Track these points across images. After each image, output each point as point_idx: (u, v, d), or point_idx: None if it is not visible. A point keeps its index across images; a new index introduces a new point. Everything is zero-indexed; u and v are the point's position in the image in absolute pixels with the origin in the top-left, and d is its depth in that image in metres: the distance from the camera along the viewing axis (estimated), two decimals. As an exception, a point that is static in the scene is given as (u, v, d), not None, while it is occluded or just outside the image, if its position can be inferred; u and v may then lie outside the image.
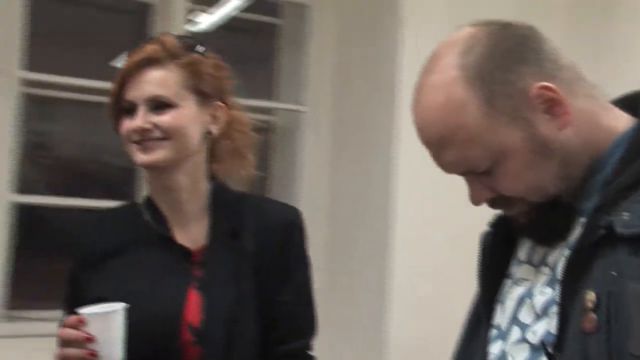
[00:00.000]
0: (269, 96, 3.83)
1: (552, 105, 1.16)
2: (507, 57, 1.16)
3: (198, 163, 1.81)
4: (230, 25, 4.09)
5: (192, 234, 1.78)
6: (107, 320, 1.62)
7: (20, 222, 3.21)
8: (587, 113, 1.19)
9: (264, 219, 1.80)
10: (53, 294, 2.32)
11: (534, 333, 1.18)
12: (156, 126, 1.71)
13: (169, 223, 1.79)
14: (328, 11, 3.59)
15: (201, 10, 4.02)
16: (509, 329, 1.24)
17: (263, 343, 1.77)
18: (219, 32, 4.17)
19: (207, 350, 1.71)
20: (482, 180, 1.20)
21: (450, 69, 1.15)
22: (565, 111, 1.16)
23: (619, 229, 1.06)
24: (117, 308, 1.63)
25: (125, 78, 1.74)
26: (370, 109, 3.47)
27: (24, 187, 3.26)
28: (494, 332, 1.28)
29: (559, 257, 1.18)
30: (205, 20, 4.15)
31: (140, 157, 1.73)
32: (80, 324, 1.61)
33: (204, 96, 1.78)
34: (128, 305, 1.64)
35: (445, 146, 1.16)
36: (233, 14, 3.98)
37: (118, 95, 1.74)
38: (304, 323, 1.83)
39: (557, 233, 1.20)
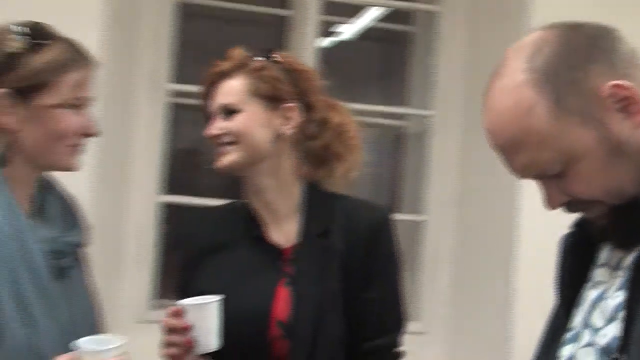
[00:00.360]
0: (403, 102, 3.84)
1: (627, 104, 1.11)
2: (575, 57, 1.12)
3: (280, 164, 1.83)
4: (367, 35, 4.11)
5: (284, 232, 1.82)
6: (203, 311, 1.69)
7: (168, 220, 3.36)
8: None
9: (352, 219, 1.81)
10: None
11: (603, 337, 1.14)
12: (225, 131, 1.78)
13: (262, 222, 1.83)
14: (458, 17, 3.56)
15: (339, 22, 4.09)
16: (581, 332, 1.21)
17: (349, 339, 1.77)
18: (356, 42, 4.21)
19: (294, 344, 1.73)
20: (556, 184, 1.16)
21: (518, 72, 1.12)
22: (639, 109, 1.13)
23: None
24: (213, 300, 1.70)
25: (205, 92, 1.84)
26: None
27: (173, 188, 3.40)
28: (568, 335, 1.24)
29: (635, 261, 1.14)
30: (345, 31, 4.21)
31: (217, 162, 1.81)
32: (179, 314, 1.68)
33: (271, 100, 1.80)
34: (223, 298, 1.70)
35: (516, 150, 1.13)
36: (369, 24, 3.99)
37: (204, 108, 1.86)
38: (390, 320, 1.83)
39: (637, 236, 1.15)
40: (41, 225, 1.63)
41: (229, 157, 1.79)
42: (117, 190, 3.22)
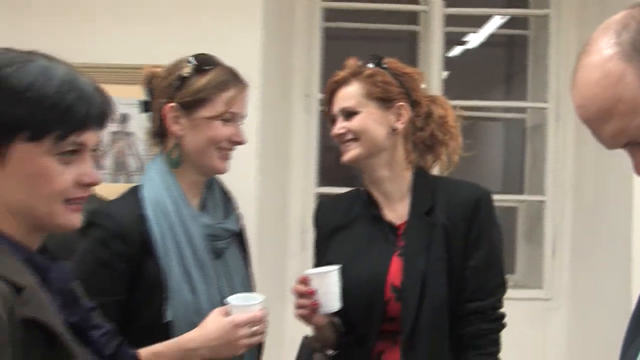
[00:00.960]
0: (523, 99, 3.98)
1: None
2: None
3: (394, 155, 1.92)
4: (490, 42, 4.25)
5: (396, 212, 1.92)
6: (325, 279, 1.82)
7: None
8: None
9: (453, 197, 1.88)
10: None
11: None
12: (347, 130, 1.89)
13: (379, 205, 1.93)
14: (568, 18, 3.62)
15: (466, 32, 4.25)
16: None
17: (453, 302, 1.83)
18: (481, 48, 4.38)
19: (405, 305, 1.81)
20: None
21: (606, 47, 1.07)
22: None
23: None
24: (332, 269, 1.82)
25: (327, 99, 1.95)
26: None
27: (327, 181, 3.64)
28: None
29: None
30: (472, 39, 4.41)
31: (343, 157, 1.91)
32: (306, 281, 1.82)
33: (384, 100, 1.89)
34: (341, 267, 1.83)
35: (605, 120, 1.08)
36: (490, 32, 4.13)
37: (327, 112, 1.96)
38: (490, 284, 1.86)
39: None
40: (203, 214, 1.82)
41: (352, 152, 1.89)
42: (281, 184, 3.48)
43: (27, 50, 1.17)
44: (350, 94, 1.89)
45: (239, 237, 1.94)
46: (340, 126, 1.89)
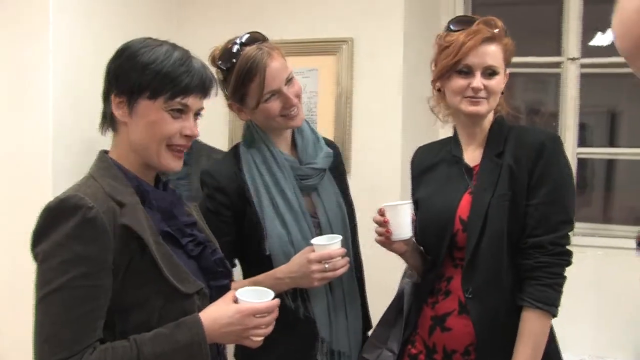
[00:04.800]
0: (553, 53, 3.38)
1: None
2: None
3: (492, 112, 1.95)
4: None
5: (474, 155, 1.96)
6: (396, 210, 1.89)
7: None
8: None
9: (521, 141, 1.88)
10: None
11: None
12: (486, 88, 1.87)
13: (461, 148, 1.99)
14: None
15: None
16: None
17: (516, 235, 1.83)
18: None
19: (469, 235, 1.85)
20: None
21: None
22: None
23: None
24: (404, 203, 1.90)
25: (469, 49, 1.86)
26: None
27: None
28: None
29: None
30: None
31: (469, 108, 1.89)
32: (382, 213, 1.92)
33: (506, 67, 1.92)
34: (412, 201, 1.93)
35: None
36: None
37: (456, 60, 1.87)
38: (553, 221, 1.82)
39: None
40: (291, 158, 1.96)
41: (482, 108, 1.89)
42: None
43: (161, 39, 1.53)
44: (496, 54, 1.87)
45: (334, 171, 2.07)
46: (481, 82, 1.86)
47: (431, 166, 2.04)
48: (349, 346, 2.02)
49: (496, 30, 1.87)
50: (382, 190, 2.87)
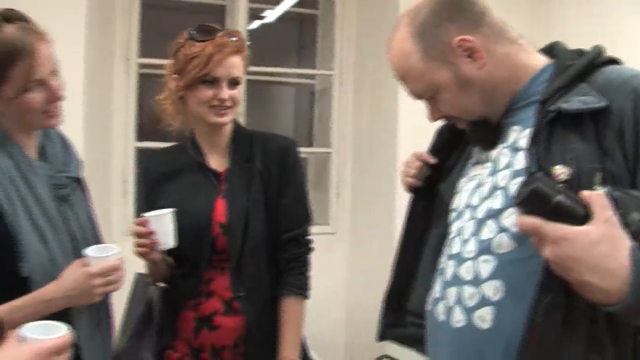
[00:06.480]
0: (312, 66, 4.11)
1: (472, 53, 1.23)
2: (438, 17, 1.25)
3: None
4: (285, 18, 4.38)
5: (219, 160, 1.94)
6: (161, 220, 1.81)
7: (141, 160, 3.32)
8: (507, 55, 1.25)
9: (267, 147, 1.93)
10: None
11: (481, 211, 1.25)
12: (231, 98, 1.86)
13: (204, 154, 1.95)
14: (351, 2, 3.85)
15: (264, 8, 4.30)
16: (463, 211, 1.32)
17: (273, 233, 1.90)
18: (277, 23, 4.48)
19: (231, 238, 1.85)
20: (432, 105, 1.31)
21: (404, 28, 1.29)
22: (481, 56, 1.23)
23: (564, 107, 1.13)
24: (168, 212, 1.82)
25: (218, 61, 1.84)
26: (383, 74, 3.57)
27: (144, 136, 3.54)
28: (453, 214, 1.36)
29: (498, 154, 1.26)
30: (269, 15, 4.45)
31: (215, 118, 1.88)
32: (144, 223, 1.80)
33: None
34: (175, 210, 1.82)
35: (404, 81, 1.31)
36: (286, 9, 4.25)
37: (205, 72, 1.84)
38: (300, 216, 1.94)
39: (487, 141, 1.31)
40: (43, 165, 1.66)
41: (228, 118, 1.90)
42: (104, 139, 3.43)
43: None
44: (238, 65, 1.87)
45: (80, 183, 1.82)
46: (228, 93, 1.86)
47: (173, 173, 1.96)
48: None
49: (239, 43, 1.88)
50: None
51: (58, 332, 1.19)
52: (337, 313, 3.85)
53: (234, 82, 1.87)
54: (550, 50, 1.31)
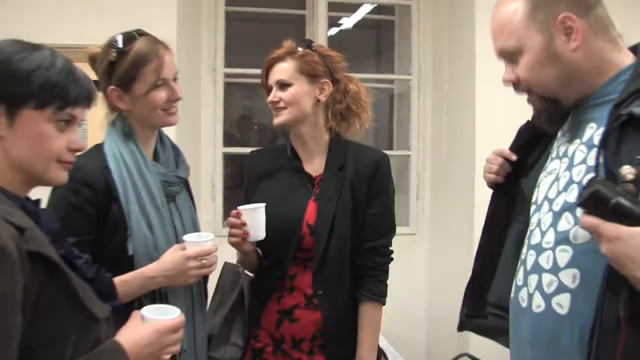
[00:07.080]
0: (391, 70, 4.14)
1: (569, 32, 1.26)
2: None
3: (316, 122, 2.02)
4: (361, 24, 4.47)
5: (314, 166, 2.03)
6: (254, 213, 1.90)
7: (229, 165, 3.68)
8: (600, 50, 1.28)
9: (360, 158, 2.01)
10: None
11: (557, 204, 1.29)
12: (279, 99, 1.97)
13: (300, 159, 2.04)
14: (425, 9, 3.88)
15: (342, 16, 4.42)
16: (542, 204, 1.35)
17: (356, 240, 1.97)
18: (355, 30, 4.59)
19: (317, 239, 1.94)
20: (511, 68, 1.34)
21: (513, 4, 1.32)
22: (577, 39, 1.26)
23: (636, 111, 1.15)
24: (261, 206, 1.91)
25: (264, 73, 2.01)
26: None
27: (232, 142, 3.71)
28: (533, 207, 1.39)
29: (575, 150, 1.29)
30: (347, 22, 4.58)
31: (275, 120, 2.01)
32: (238, 215, 1.91)
33: (311, 76, 1.98)
34: (266, 204, 1.91)
35: (499, 34, 1.34)
36: (363, 15, 4.33)
37: (264, 83, 2.01)
38: (384, 228, 2.01)
39: (552, 121, 1.35)
40: (157, 164, 1.85)
41: (282, 117, 1.98)
42: (193, 146, 3.52)
43: (34, 43, 1.28)
44: (284, 69, 1.96)
45: (187, 184, 1.98)
46: (274, 95, 1.96)
47: (270, 172, 2.06)
48: (193, 345, 1.93)
49: (285, 50, 1.98)
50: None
51: (174, 314, 1.38)
52: (417, 312, 3.88)
53: (281, 85, 1.97)
54: (635, 49, 1.33)
